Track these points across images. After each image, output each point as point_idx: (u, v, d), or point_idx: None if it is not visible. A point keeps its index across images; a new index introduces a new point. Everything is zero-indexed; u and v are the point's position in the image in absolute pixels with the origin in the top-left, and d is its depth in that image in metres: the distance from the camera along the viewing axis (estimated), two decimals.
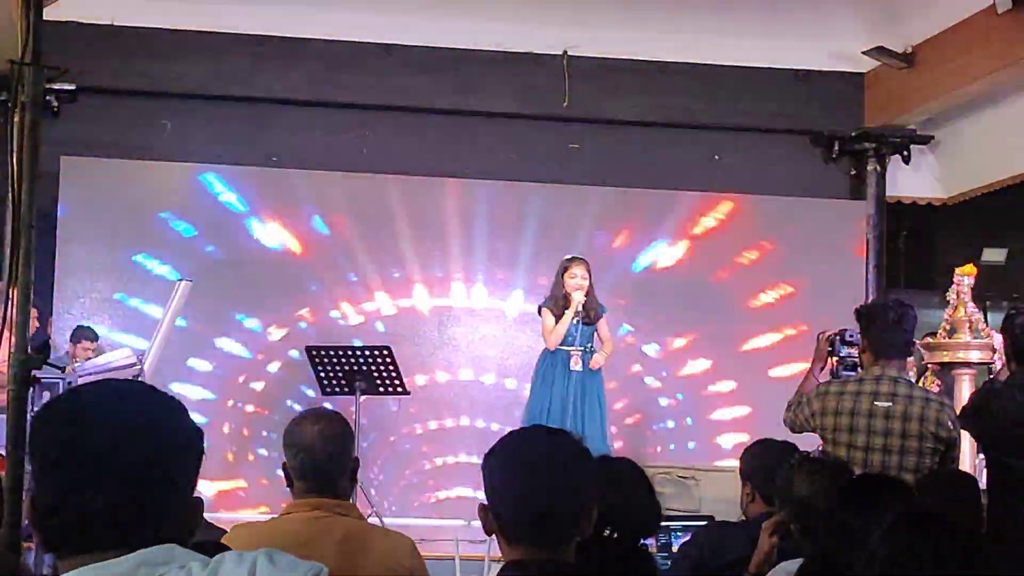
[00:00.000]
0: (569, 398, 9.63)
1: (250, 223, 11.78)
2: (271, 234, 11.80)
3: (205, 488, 10.94)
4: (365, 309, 11.87)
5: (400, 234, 11.88)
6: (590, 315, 9.80)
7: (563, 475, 2.95)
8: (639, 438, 11.99)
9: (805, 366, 6.85)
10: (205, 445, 2.13)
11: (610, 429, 10.38)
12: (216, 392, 11.57)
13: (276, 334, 11.74)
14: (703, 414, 12.16)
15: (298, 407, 10.73)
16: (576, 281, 9.76)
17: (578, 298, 9.69)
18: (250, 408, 11.62)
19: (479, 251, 12.00)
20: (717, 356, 12.20)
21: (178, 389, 11.06)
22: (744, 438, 10.34)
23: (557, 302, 9.80)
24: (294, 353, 11.27)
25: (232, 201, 11.81)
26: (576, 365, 9.71)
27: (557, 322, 9.75)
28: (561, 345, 9.75)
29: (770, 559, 4.51)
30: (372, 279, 11.85)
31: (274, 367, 11.70)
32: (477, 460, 3.08)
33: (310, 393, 10.84)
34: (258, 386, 11.70)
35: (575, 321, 9.73)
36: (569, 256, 10.16)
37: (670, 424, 12.18)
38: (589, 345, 9.82)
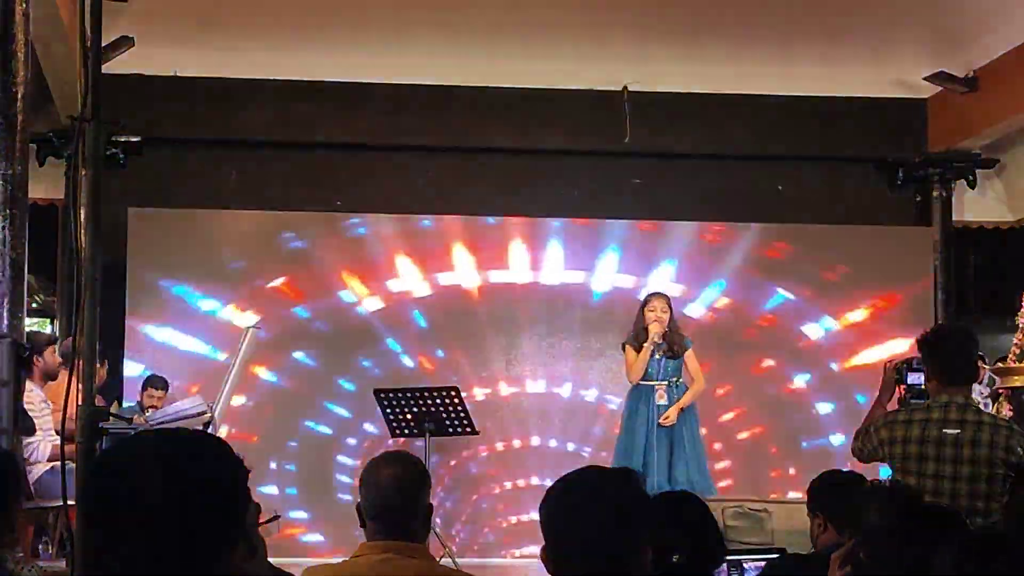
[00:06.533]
0: (654, 433, 9.58)
1: (326, 272, 11.82)
2: (350, 288, 11.84)
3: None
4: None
5: (467, 278, 11.92)
6: (673, 349, 9.74)
7: (615, 516, 2.94)
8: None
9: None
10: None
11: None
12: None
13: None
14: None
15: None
16: (655, 314, 9.71)
17: (654, 330, 9.64)
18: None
19: (544, 291, 11.98)
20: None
21: None
22: None
23: (638, 336, 9.76)
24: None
25: (306, 250, 11.86)
26: (662, 399, 9.64)
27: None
28: (643, 380, 9.70)
29: None
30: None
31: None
32: (549, 483, 3.09)
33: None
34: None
35: (657, 356, 9.69)
36: (650, 292, 10.16)
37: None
38: (676, 379, 9.73)
